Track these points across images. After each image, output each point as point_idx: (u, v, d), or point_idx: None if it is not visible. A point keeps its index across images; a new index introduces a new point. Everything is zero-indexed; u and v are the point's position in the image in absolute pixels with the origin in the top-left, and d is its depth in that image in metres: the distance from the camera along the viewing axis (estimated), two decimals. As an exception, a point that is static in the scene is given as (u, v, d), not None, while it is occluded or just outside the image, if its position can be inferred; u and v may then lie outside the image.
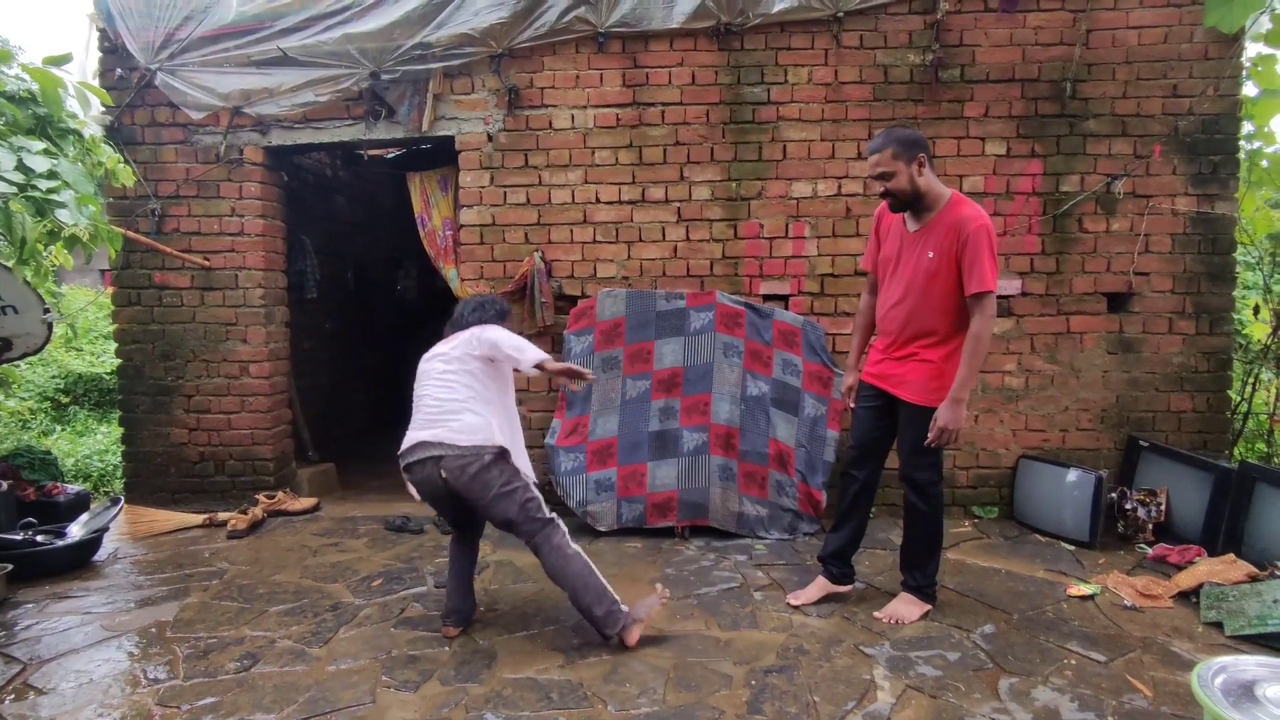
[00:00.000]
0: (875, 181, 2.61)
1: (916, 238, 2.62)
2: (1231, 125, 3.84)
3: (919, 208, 2.62)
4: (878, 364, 2.78)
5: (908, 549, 2.84)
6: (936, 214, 2.60)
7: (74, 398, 6.62)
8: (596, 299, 3.96)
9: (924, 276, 2.59)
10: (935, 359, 2.62)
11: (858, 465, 2.85)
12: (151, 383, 4.33)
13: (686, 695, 2.29)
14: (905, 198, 2.59)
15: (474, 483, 2.52)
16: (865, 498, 2.87)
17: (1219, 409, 3.93)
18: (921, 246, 2.60)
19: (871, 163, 2.59)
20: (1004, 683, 2.34)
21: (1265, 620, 2.58)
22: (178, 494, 4.36)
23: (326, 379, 5.80)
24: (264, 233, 4.31)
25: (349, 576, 3.30)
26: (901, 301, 2.65)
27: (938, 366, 2.61)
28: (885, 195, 2.62)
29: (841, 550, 2.90)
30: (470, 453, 2.52)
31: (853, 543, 2.91)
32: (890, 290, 2.71)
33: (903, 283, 2.64)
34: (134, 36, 4.13)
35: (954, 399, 2.53)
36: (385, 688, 2.36)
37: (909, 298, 2.63)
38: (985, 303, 2.49)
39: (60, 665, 2.54)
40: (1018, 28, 3.85)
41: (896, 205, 2.63)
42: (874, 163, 2.58)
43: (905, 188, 2.56)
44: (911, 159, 2.54)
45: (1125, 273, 3.88)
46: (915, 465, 2.71)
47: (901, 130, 2.61)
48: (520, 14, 3.91)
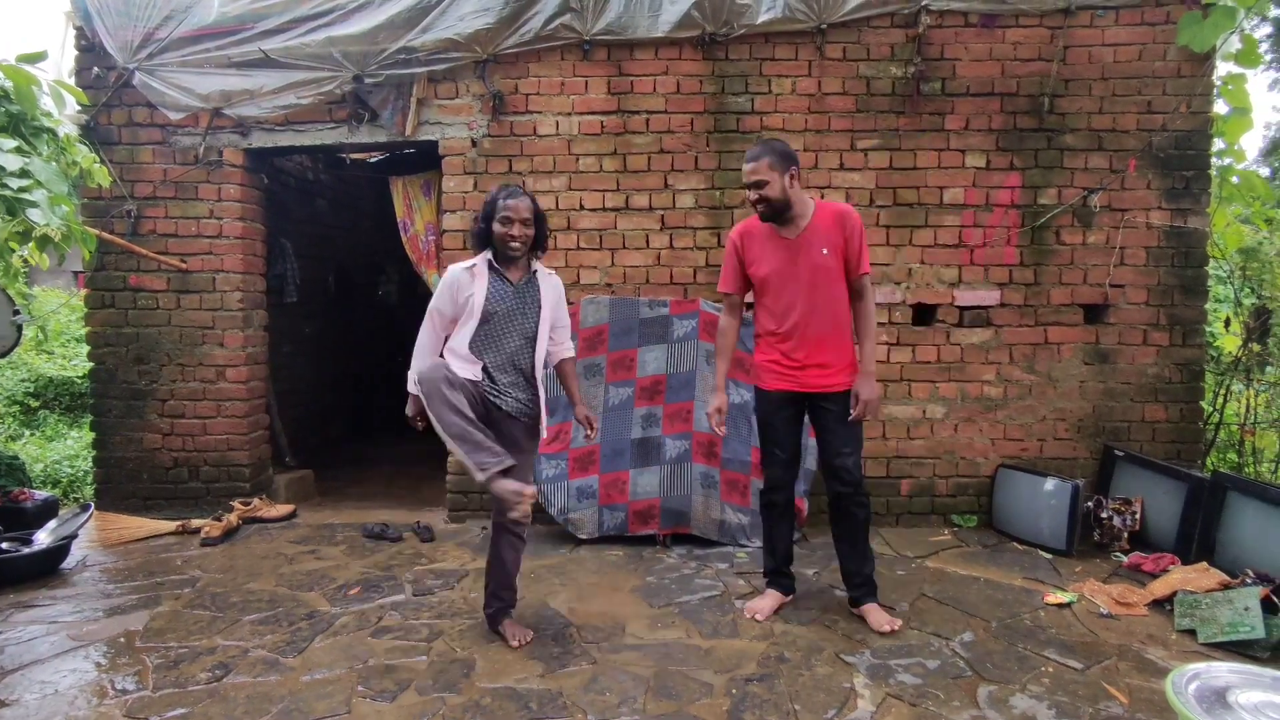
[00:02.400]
0: (750, 190, 2.72)
1: (800, 243, 2.73)
2: (1203, 142, 3.92)
3: (787, 217, 2.74)
4: (792, 371, 2.77)
5: (860, 551, 2.84)
6: (811, 219, 2.73)
7: (44, 402, 6.48)
8: (580, 306, 3.95)
9: (824, 273, 2.71)
10: (849, 343, 2.80)
11: (784, 479, 2.90)
12: (125, 386, 4.25)
13: (667, 704, 2.27)
14: (777, 206, 2.70)
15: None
16: (791, 506, 3.00)
17: (1192, 419, 4.00)
18: (810, 248, 2.72)
19: (748, 170, 2.70)
20: (983, 690, 2.35)
21: (1237, 627, 2.62)
22: (150, 500, 4.27)
23: (305, 384, 5.73)
24: (243, 235, 4.26)
25: (325, 584, 3.25)
26: (807, 303, 2.72)
27: (851, 350, 2.80)
28: (758, 203, 2.72)
29: (789, 559, 3.01)
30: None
31: (791, 554, 3.02)
32: (785, 298, 2.75)
33: (802, 286, 2.73)
34: (112, 35, 4.07)
35: (867, 372, 2.74)
36: (361, 698, 2.32)
37: (814, 296, 2.72)
38: (868, 282, 2.79)
39: (24, 676, 2.47)
40: (997, 43, 3.92)
41: (767, 213, 2.73)
42: (751, 170, 2.69)
43: (778, 196, 2.68)
44: (785, 170, 2.68)
45: (1101, 284, 3.94)
46: (850, 453, 2.77)
47: (778, 143, 2.76)
48: (506, 20, 3.90)
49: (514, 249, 2.56)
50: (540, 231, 2.63)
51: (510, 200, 2.55)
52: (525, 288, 2.63)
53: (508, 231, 2.53)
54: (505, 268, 2.60)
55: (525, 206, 2.57)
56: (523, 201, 2.57)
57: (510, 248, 2.55)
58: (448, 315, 2.62)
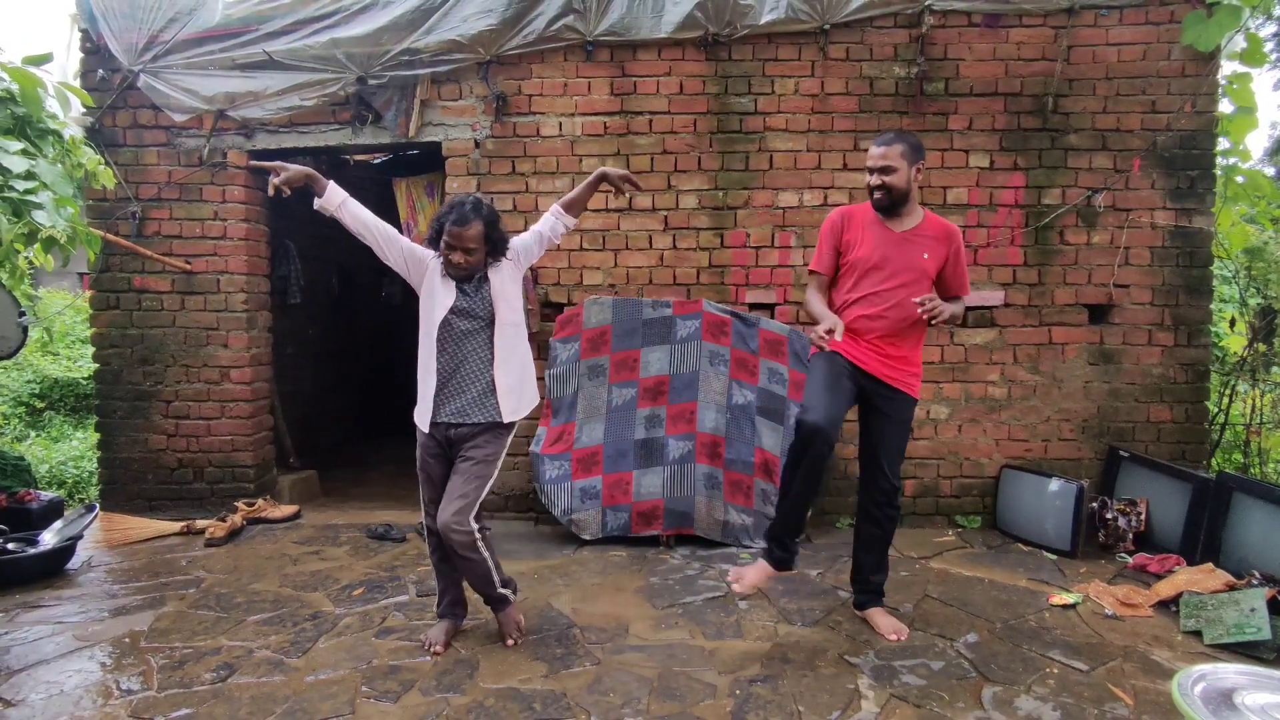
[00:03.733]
0: (876, 174, 2.66)
1: (906, 239, 2.69)
2: (1208, 141, 3.91)
3: (900, 211, 2.70)
4: (867, 347, 2.67)
5: (881, 560, 2.82)
6: (921, 221, 2.71)
7: (49, 403, 6.50)
8: (583, 306, 3.96)
9: (921, 275, 2.68)
10: (919, 353, 2.77)
11: (831, 429, 2.52)
12: (129, 387, 4.27)
13: (671, 705, 2.27)
14: (898, 196, 2.66)
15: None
16: (822, 472, 2.67)
17: (1197, 420, 3.99)
18: (914, 248, 2.68)
19: (878, 154, 2.65)
20: (987, 691, 2.34)
21: (1243, 628, 2.61)
22: (155, 501, 4.29)
23: (309, 385, 5.74)
24: (247, 236, 4.27)
25: (329, 585, 3.26)
26: (898, 297, 2.66)
27: (920, 361, 2.78)
28: (880, 189, 2.66)
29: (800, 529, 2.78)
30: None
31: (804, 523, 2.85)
32: (879, 283, 2.68)
33: (898, 278, 2.67)
34: (117, 38, 4.09)
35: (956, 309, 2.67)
36: (365, 699, 2.33)
37: (905, 293, 2.65)
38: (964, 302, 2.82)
39: (30, 676, 2.48)
40: (1001, 43, 3.91)
41: (884, 201, 2.68)
42: (882, 154, 2.65)
43: (902, 186, 2.65)
44: (914, 163, 2.66)
45: (1106, 285, 3.93)
46: (899, 458, 2.75)
47: (911, 135, 2.76)
48: (509, 21, 3.91)
49: (456, 271, 2.53)
50: (495, 242, 2.55)
51: (455, 228, 2.44)
52: (477, 287, 2.58)
53: (449, 256, 2.50)
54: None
55: (471, 235, 2.45)
56: (469, 230, 2.44)
57: (451, 270, 2.53)
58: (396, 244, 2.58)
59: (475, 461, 2.54)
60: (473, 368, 2.57)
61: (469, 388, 2.57)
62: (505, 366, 2.59)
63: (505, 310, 2.59)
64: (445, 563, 2.66)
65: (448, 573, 2.68)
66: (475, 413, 2.55)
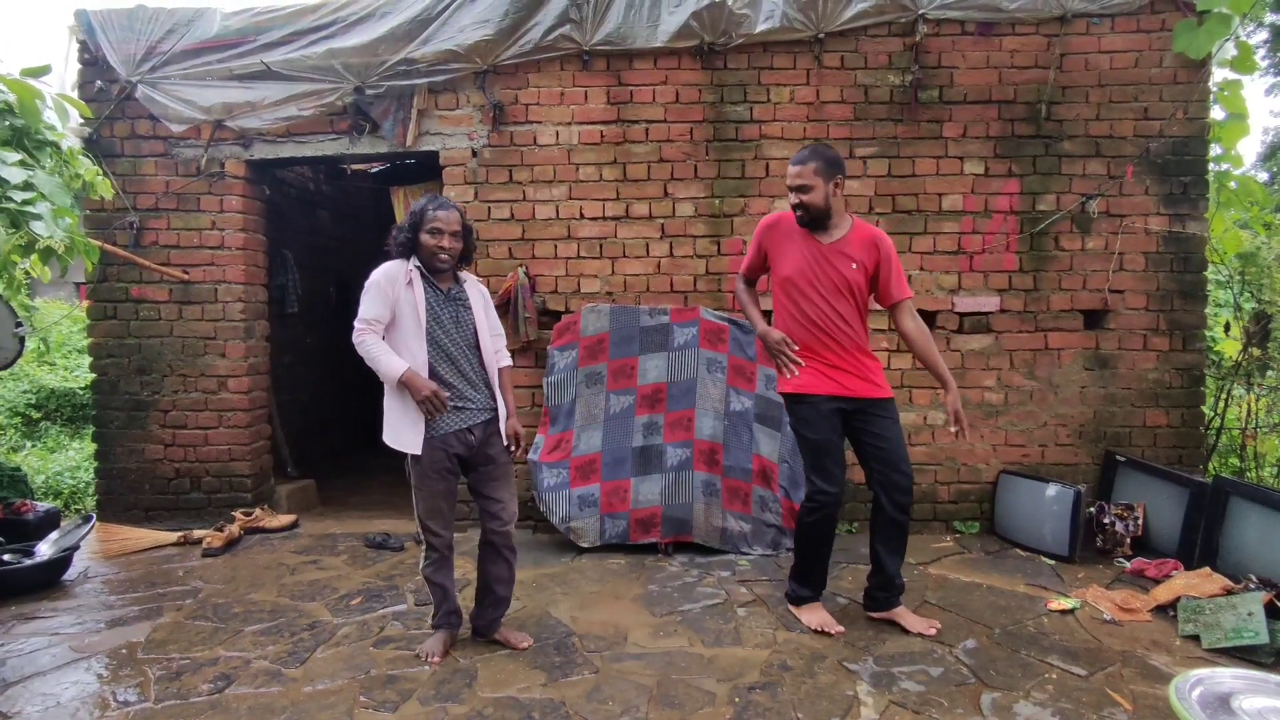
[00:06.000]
0: (794, 194, 2.70)
1: (832, 250, 2.72)
2: (1200, 147, 3.94)
3: (824, 225, 2.73)
4: (832, 373, 2.73)
5: (900, 561, 2.83)
6: (849, 231, 2.74)
7: (46, 413, 6.48)
8: (580, 314, 3.96)
9: (852, 287, 2.72)
10: (875, 360, 2.82)
11: (840, 491, 2.76)
12: (126, 397, 4.26)
13: (670, 713, 2.27)
14: (816, 214, 2.70)
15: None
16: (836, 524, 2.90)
17: (1193, 424, 4.00)
18: (844, 259, 2.71)
19: (794, 173, 2.69)
20: (986, 697, 2.34)
21: (1240, 633, 2.61)
22: (152, 511, 4.28)
23: (307, 394, 5.74)
24: (245, 246, 4.27)
25: (327, 595, 3.25)
26: (833, 311, 2.71)
27: (879, 366, 2.82)
28: (798, 207, 2.71)
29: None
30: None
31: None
32: (810, 301, 2.73)
33: (828, 293, 2.72)
34: (115, 49, 4.10)
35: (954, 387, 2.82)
36: (363, 708, 2.32)
37: (840, 306, 2.71)
38: (911, 305, 2.80)
39: (26, 688, 2.47)
40: (994, 51, 3.94)
41: (805, 219, 2.72)
42: (796, 173, 2.68)
43: (819, 204, 2.68)
44: (830, 178, 2.67)
45: (1101, 290, 3.95)
46: (909, 462, 2.78)
47: (827, 149, 2.75)
48: (505, 31, 3.93)
49: (443, 261, 2.55)
50: (468, 244, 2.63)
51: (440, 212, 2.54)
52: (455, 295, 2.62)
53: (437, 243, 2.52)
54: (435, 277, 2.59)
55: (455, 219, 2.56)
56: (452, 214, 2.56)
57: (439, 259, 2.54)
58: (385, 320, 2.54)
59: (508, 460, 2.71)
60: (468, 368, 2.64)
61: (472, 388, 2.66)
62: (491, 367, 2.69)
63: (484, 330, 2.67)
64: (443, 571, 2.66)
65: (445, 582, 2.68)
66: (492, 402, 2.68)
